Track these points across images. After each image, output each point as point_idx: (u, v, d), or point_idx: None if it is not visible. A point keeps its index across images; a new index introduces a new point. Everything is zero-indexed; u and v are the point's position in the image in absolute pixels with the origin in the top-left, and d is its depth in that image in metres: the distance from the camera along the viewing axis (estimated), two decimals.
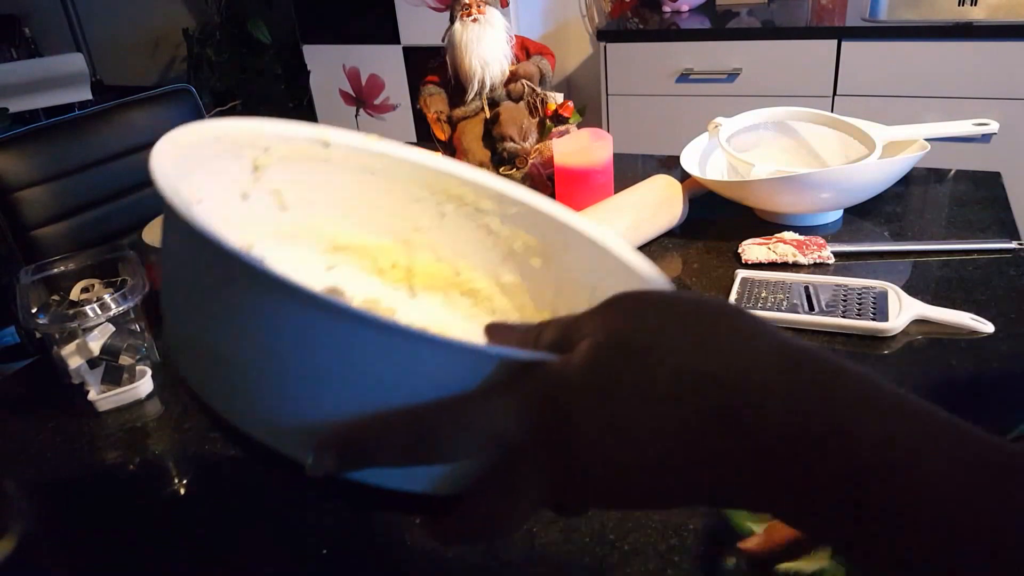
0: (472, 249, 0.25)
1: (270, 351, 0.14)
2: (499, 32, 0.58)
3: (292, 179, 0.23)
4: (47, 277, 0.42)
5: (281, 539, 0.30)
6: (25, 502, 0.33)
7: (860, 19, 1.06)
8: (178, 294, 0.17)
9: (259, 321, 0.14)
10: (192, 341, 0.16)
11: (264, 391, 0.15)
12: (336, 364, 0.14)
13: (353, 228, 0.25)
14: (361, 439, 0.14)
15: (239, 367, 0.15)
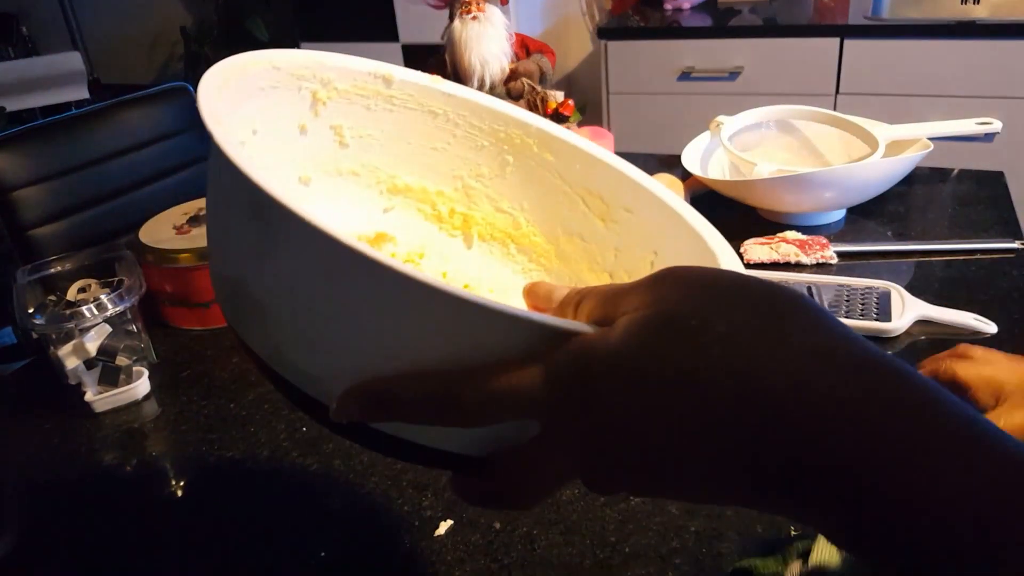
0: (533, 202, 0.24)
1: (304, 298, 0.14)
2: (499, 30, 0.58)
3: (353, 116, 0.23)
4: (44, 277, 0.42)
5: (279, 541, 0.29)
6: (22, 503, 0.33)
7: (863, 17, 1.05)
8: (218, 230, 0.17)
9: (293, 266, 0.14)
10: (230, 279, 0.17)
11: (295, 336, 0.15)
12: (367, 318, 0.14)
13: (413, 171, 0.24)
14: (386, 393, 0.14)
15: (273, 310, 0.15)
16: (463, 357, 0.14)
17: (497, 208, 0.25)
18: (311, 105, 0.22)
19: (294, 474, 0.33)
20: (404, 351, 0.14)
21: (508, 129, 0.24)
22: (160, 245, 0.46)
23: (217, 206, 0.17)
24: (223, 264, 0.17)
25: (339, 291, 0.14)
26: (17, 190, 0.65)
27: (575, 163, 0.24)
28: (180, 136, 0.76)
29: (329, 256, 0.14)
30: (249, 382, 0.41)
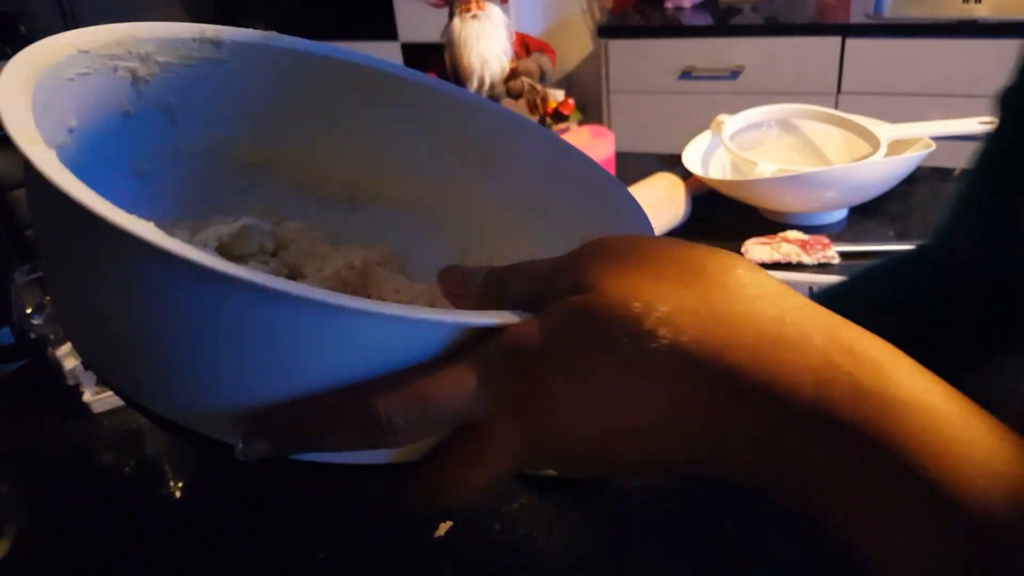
0: (406, 154, 0.21)
1: (174, 329, 0.12)
2: (499, 28, 0.57)
3: (182, 90, 0.19)
4: (42, 277, 0.41)
5: (278, 542, 0.29)
6: (20, 504, 0.33)
7: (864, 16, 1.05)
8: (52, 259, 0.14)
9: (151, 295, 0.12)
10: (82, 317, 0.14)
11: (174, 374, 0.13)
12: (252, 342, 0.11)
13: (262, 138, 0.21)
14: (296, 424, 0.12)
15: (141, 348, 0.12)
16: (378, 371, 0.12)
17: (363, 170, 0.22)
18: (131, 85, 0.18)
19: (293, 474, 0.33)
20: (307, 375, 0.12)
21: (364, 80, 0.21)
22: None
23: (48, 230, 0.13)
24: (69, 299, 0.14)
25: (207, 317, 0.11)
26: (15, 190, 0.64)
27: (440, 109, 0.21)
28: None
29: (189, 280, 0.11)
30: None
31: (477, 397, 0.12)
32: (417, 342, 0.12)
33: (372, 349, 0.12)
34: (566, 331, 0.12)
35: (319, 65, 0.21)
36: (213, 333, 0.12)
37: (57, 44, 0.17)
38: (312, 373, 0.12)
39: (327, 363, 0.12)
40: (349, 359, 0.12)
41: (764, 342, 0.11)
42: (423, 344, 0.12)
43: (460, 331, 0.12)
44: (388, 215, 0.22)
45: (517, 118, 0.21)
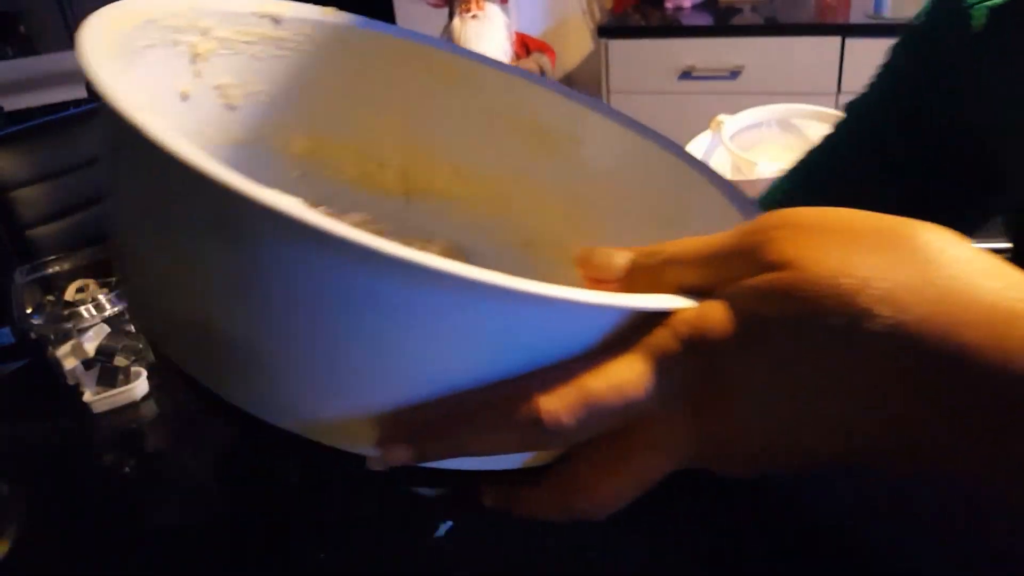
0: (464, 145, 0.20)
1: (308, 320, 0.10)
2: (498, 29, 0.57)
3: (239, 69, 0.18)
4: (42, 277, 0.41)
5: (277, 542, 0.29)
6: (21, 504, 0.33)
7: (864, 16, 1.05)
8: (152, 260, 0.12)
9: (295, 292, 0.10)
10: (183, 322, 0.12)
11: (295, 379, 0.11)
12: (400, 332, 0.10)
13: (318, 126, 0.20)
14: (445, 426, 0.11)
15: (258, 351, 0.11)
16: (533, 363, 0.10)
17: (417, 159, 0.21)
18: (191, 62, 0.17)
19: (292, 475, 0.33)
20: (454, 370, 0.10)
21: (420, 63, 0.20)
22: None
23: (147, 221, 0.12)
24: (168, 303, 0.12)
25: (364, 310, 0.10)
26: (15, 189, 0.64)
27: (503, 93, 0.20)
28: None
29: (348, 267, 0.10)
30: None
31: (650, 392, 0.11)
32: (580, 330, 0.11)
33: (530, 338, 0.10)
34: (763, 314, 0.11)
35: (378, 44, 0.20)
36: (356, 323, 0.10)
37: (128, 11, 0.15)
38: (461, 367, 0.11)
39: (479, 356, 0.10)
40: (503, 350, 0.10)
41: (997, 318, 0.10)
42: (586, 333, 0.11)
43: (627, 318, 0.11)
44: (443, 207, 0.21)
45: (596, 104, 0.20)
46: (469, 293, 0.10)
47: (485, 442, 0.11)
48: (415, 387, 0.11)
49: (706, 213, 0.17)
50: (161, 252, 0.12)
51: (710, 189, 0.17)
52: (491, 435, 0.11)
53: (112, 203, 0.13)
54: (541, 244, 0.20)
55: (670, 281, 0.12)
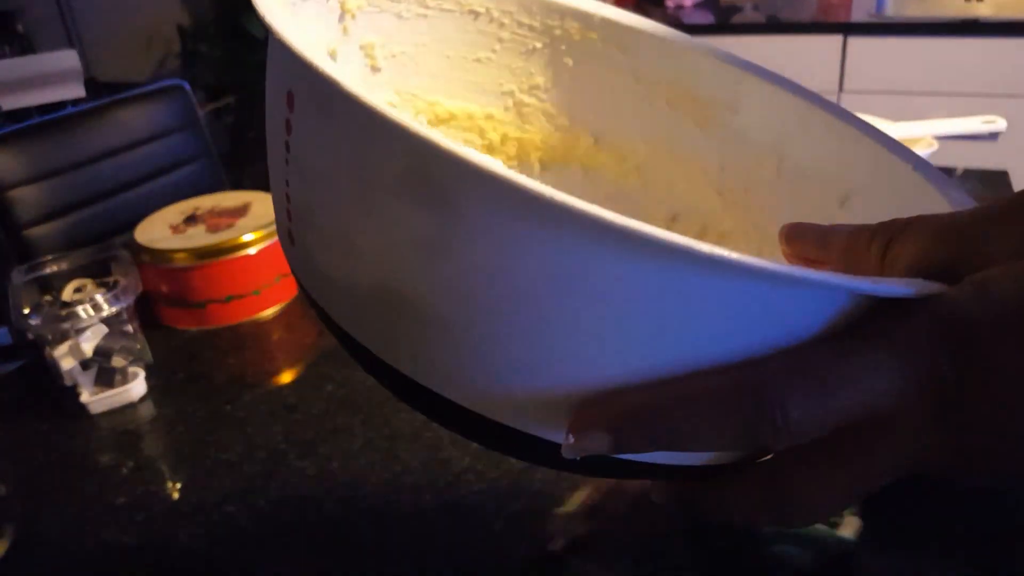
0: (603, 113, 0.19)
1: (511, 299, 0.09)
2: None
3: (384, 29, 0.18)
4: (39, 277, 0.41)
5: (276, 543, 0.29)
6: (18, 504, 0.33)
7: (866, 14, 1.05)
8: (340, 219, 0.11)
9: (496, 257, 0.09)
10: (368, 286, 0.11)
11: (490, 351, 0.10)
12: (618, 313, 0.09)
13: (455, 92, 0.19)
14: (655, 414, 0.10)
15: (451, 320, 0.10)
16: (757, 349, 0.09)
17: (557, 126, 0.20)
18: (340, 19, 0.17)
19: (291, 476, 0.33)
20: (670, 350, 0.09)
21: (564, 23, 0.19)
22: (156, 245, 0.45)
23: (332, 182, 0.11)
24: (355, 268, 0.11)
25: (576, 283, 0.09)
26: (13, 189, 0.64)
27: (653, 56, 0.19)
28: (177, 134, 0.76)
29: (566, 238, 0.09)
30: (246, 384, 0.40)
31: (892, 387, 0.10)
32: (813, 314, 0.09)
33: (757, 321, 0.09)
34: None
35: (519, 4, 0.19)
36: (566, 296, 0.09)
37: None
38: (675, 349, 0.09)
39: (696, 337, 0.09)
40: (724, 333, 0.09)
41: None
42: (819, 317, 0.09)
43: (865, 303, 0.09)
44: (583, 177, 0.20)
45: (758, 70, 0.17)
46: (697, 267, 0.09)
47: (699, 434, 0.10)
48: (622, 368, 0.10)
49: (894, 189, 0.14)
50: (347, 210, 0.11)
51: (894, 161, 0.15)
52: (707, 427, 0.09)
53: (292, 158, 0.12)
54: (689, 218, 0.19)
55: (905, 261, 0.11)
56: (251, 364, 0.42)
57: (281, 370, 0.42)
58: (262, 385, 0.40)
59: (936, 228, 0.11)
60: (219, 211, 0.49)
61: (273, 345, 0.44)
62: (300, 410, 0.38)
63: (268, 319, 0.46)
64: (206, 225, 0.47)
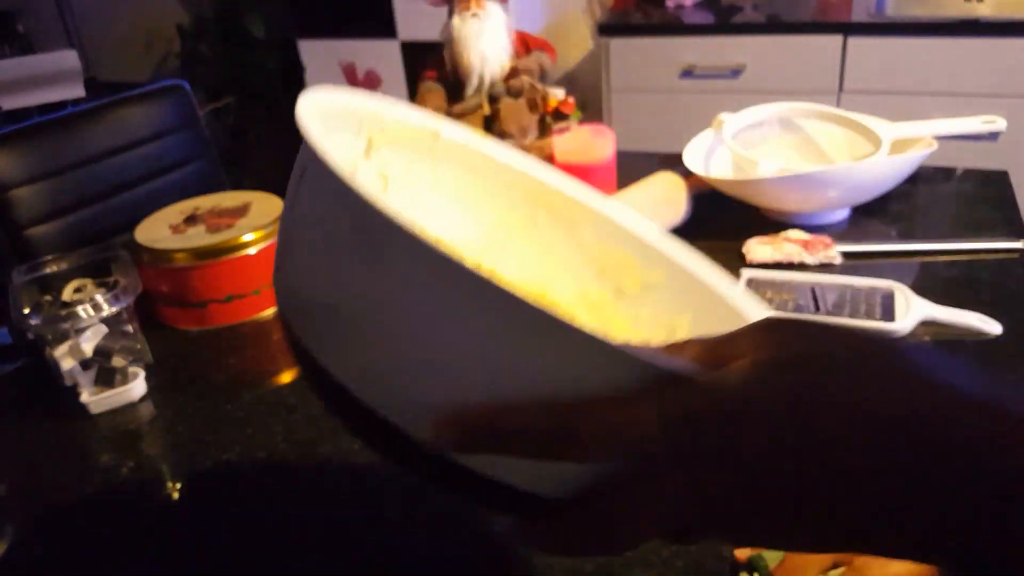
0: (555, 267, 0.26)
1: (416, 326, 0.14)
2: (499, 27, 0.57)
3: (399, 164, 0.24)
4: (39, 277, 0.41)
5: (275, 543, 0.29)
6: (17, 505, 0.33)
7: (866, 14, 1.05)
8: (311, 252, 0.17)
9: (409, 292, 0.14)
10: (318, 301, 0.16)
11: (394, 362, 0.15)
12: (485, 346, 0.14)
13: (447, 222, 0.26)
14: (488, 422, 0.13)
15: (374, 334, 0.15)
16: (569, 390, 0.13)
17: (523, 266, 0.26)
18: (366, 148, 0.23)
19: (291, 476, 0.33)
20: (513, 381, 0.13)
21: (541, 191, 0.26)
22: (156, 245, 0.45)
23: (317, 231, 0.16)
24: (312, 285, 0.16)
25: (461, 318, 0.13)
26: (13, 189, 0.64)
27: (594, 232, 0.25)
28: (176, 134, 0.76)
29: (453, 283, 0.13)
30: (246, 383, 0.40)
31: (654, 433, 0.13)
32: (615, 372, 0.13)
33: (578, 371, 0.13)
34: (749, 383, 0.12)
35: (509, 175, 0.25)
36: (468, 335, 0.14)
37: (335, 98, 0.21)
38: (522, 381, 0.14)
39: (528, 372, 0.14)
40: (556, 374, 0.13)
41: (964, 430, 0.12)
42: (615, 375, 0.13)
43: (651, 372, 0.13)
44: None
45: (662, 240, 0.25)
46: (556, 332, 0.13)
47: (521, 442, 0.14)
48: (479, 388, 0.14)
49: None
50: (321, 251, 0.16)
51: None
52: (527, 436, 0.13)
53: (292, 214, 0.18)
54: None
55: (688, 356, 0.14)
56: (251, 364, 0.42)
57: (281, 370, 0.42)
58: (262, 385, 0.40)
59: (704, 342, 0.15)
60: (219, 211, 0.49)
61: (273, 345, 0.44)
62: (300, 410, 0.38)
63: (268, 319, 0.46)
64: (206, 225, 0.47)
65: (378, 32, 1.35)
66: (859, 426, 0.12)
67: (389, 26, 1.33)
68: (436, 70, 0.60)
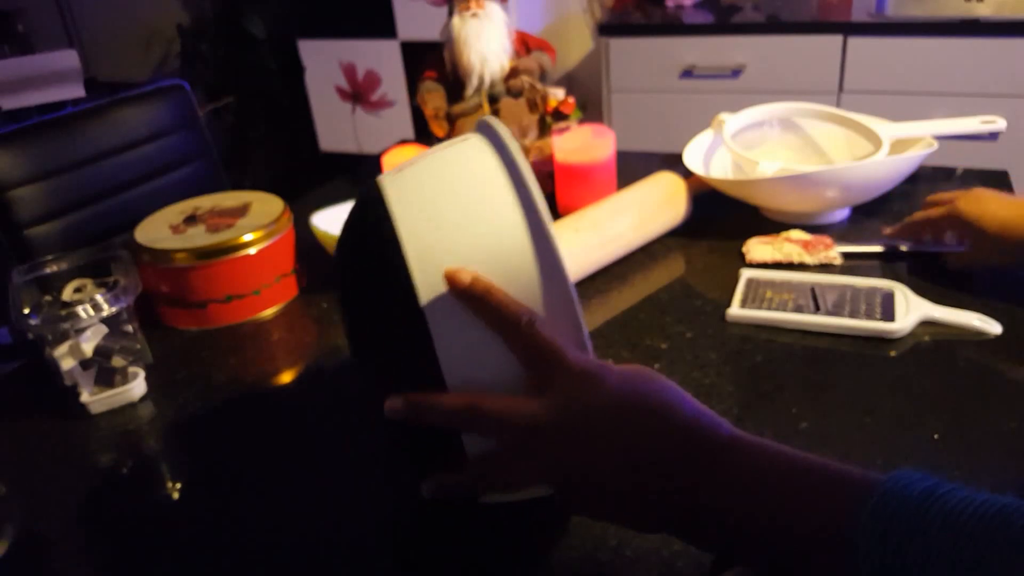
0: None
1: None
2: (498, 27, 0.57)
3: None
4: (39, 277, 0.41)
5: (276, 542, 0.29)
6: (17, 505, 0.33)
7: (866, 14, 1.05)
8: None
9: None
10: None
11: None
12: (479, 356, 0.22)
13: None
14: (430, 403, 0.23)
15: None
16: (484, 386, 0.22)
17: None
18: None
19: (291, 475, 0.33)
20: (451, 377, 0.22)
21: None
22: (156, 245, 0.45)
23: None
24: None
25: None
26: (13, 189, 0.64)
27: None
28: (176, 134, 0.76)
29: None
30: (246, 383, 0.40)
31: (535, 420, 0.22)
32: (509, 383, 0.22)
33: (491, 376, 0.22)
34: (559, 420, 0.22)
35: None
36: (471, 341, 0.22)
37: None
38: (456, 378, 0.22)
39: (470, 375, 0.22)
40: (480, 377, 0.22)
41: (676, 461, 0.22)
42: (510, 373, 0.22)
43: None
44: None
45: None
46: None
47: (441, 416, 0.23)
48: (428, 382, 0.23)
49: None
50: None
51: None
52: (438, 412, 0.23)
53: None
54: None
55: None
56: (251, 364, 0.42)
57: (281, 370, 0.42)
58: (262, 385, 0.40)
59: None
60: (219, 211, 0.49)
61: (273, 345, 0.44)
62: (301, 410, 0.38)
63: (268, 319, 0.46)
64: (206, 225, 0.47)
65: (378, 32, 1.35)
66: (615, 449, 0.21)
67: (389, 26, 1.33)
68: (436, 70, 0.59)
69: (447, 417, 0.22)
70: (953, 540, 0.16)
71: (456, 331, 0.22)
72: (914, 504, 0.17)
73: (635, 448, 0.20)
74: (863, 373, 0.36)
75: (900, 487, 0.18)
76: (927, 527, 0.16)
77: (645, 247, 0.49)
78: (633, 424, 0.21)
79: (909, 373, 0.36)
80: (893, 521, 0.17)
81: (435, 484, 0.24)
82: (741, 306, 0.41)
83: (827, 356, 0.37)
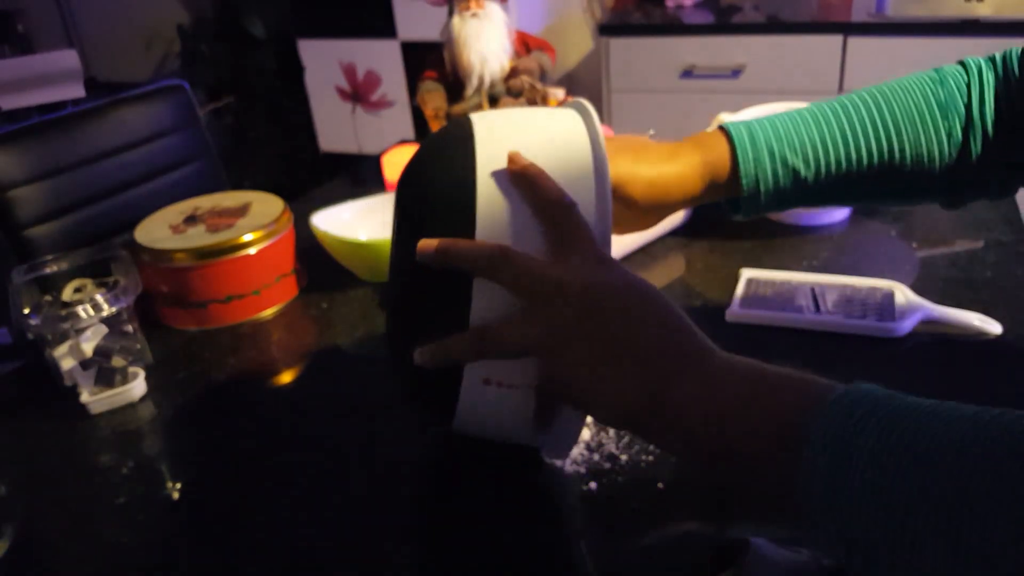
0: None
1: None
2: (498, 27, 0.57)
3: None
4: (39, 277, 0.41)
5: (277, 541, 0.29)
6: (19, 504, 0.33)
7: (866, 14, 1.05)
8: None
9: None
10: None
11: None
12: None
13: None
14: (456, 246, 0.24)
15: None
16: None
17: None
18: None
19: (292, 474, 0.33)
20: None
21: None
22: (156, 245, 0.45)
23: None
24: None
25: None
26: (13, 189, 0.64)
27: None
28: (176, 134, 0.76)
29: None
30: (246, 383, 0.40)
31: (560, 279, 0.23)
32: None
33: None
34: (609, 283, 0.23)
35: None
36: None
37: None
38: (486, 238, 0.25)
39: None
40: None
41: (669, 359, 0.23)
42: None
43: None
44: None
45: None
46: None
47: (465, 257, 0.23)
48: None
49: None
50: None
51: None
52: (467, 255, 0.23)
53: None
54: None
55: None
56: (251, 364, 0.42)
57: (281, 370, 0.42)
58: (262, 385, 0.40)
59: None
60: (219, 211, 0.49)
61: (273, 345, 0.44)
62: (300, 410, 0.38)
63: (268, 319, 0.46)
64: (206, 225, 0.47)
65: (378, 32, 1.35)
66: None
67: (389, 26, 1.33)
68: (436, 70, 0.59)
69: (475, 260, 0.23)
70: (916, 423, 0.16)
71: (500, 205, 0.23)
72: (878, 396, 0.17)
73: (630, 326, 0.21)
74: (863, 373, 0.36)
75: (866, 389, 0.18)
76: (892, 415, 0.16)
77: (645, 247, 0.49)
78: (637, 307, 0.22)
79: (909, 373, 0.36)
80: (854, 408, 0.17)
81: (429, 350, 0.24)
82: (741, 306, 0.41)
83: (827, 356, 0.37)
